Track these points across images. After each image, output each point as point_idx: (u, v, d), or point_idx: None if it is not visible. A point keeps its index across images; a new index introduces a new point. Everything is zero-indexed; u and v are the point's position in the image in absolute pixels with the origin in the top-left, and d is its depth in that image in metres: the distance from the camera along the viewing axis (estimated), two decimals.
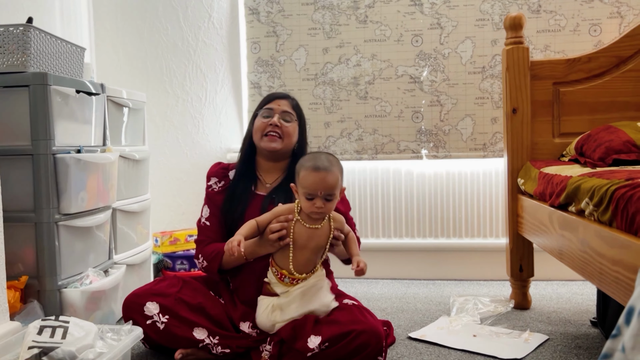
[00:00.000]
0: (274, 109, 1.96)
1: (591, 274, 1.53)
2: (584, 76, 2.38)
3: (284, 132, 1.94)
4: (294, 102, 2.02)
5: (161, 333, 1.80)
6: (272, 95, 2.01)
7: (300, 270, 1.75)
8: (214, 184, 2.03)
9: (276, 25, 3.00)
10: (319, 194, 1.69)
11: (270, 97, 2.00)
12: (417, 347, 1.97)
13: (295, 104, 2.02)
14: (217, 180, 2.03)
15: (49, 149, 1.91)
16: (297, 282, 1.75)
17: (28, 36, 1.91)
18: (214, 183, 2.03)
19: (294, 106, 2.00)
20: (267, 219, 1.78)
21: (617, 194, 1.37)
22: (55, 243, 1.93)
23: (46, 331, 1.48)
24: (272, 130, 1.93)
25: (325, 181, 1.68)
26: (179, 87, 3.17)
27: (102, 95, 2.25)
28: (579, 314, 2.31)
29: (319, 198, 1.69)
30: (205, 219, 2.00)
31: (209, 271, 1.92)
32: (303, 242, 1.75)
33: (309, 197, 1.70)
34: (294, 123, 1.98)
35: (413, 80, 2.92)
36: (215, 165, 2.08)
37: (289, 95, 2.03)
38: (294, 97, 2.05)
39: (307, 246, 1.75)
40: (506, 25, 2.38)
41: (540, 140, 2.41)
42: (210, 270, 1.90)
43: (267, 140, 1.93)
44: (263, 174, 2.01)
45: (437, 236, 2.97)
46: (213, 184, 2.03)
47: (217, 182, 2.03)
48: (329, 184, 1.69)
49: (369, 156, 2.97)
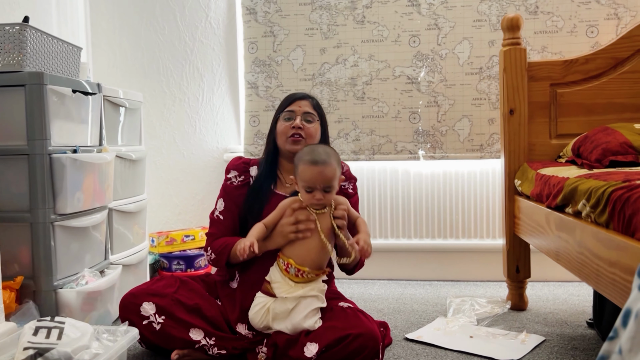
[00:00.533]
0: (295, 110, 1.95)
1: (588, 275, 1.53)
2: (581, 77, 2.38)
3: (307, 134, 1.93)
4: (314, 102, 2.01)
5: (157, 334, 1.79)
6: (292, 97, 2.00)
7: (308, 262, 1.75)
8: (234, 177, 2.00)
9: (273, 25, 2.99)
10: (317, 186, 1.72)
11: (291, 99, 1.99)
12: (414, 348, 1.97)
13: (316, 103, 2.01)
14: (237, 174, 2.00)
15: (45, 148, 1.90)
16: (302, 276, 1.74)
17: (24, 35, 1.90)
18: (233, 177, 2.00)
19: (314, 106, 1.99)
20: (275, 217, 1.81)
21: (614, 195, 1.38)
22: (51, 243, 1.92)
23: (42, 332, 1.48)
24: (295, 132, 1.92)
25: (323, 175, 1.72)
26: (175, 87, 3.16)
27: (99, 95, 2.25)
28: (576, 315, 2.31)
29: (318, 190, 1.72)
30: (219, 212, 1.97)
31: (216, 264, 1.91)
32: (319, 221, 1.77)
33: (308, 190, 1.74)
34: (316, 123, 1.98)
35: (410, 81, 2.92)
36: (237, 159, 2.06)
37: (308, 95, 2.02)
38: (314, 97, 2.04)
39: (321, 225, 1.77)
40: (503, 26, 2.38)
41: (537, 142, 2.41)
42: (218, 263, 1.89)
43: (291, 142, 1.93)
44: (284, 174, 2.00)
45: (434, 237, 2.97)
46: (233, 177, 2.00)
47: (237, 176, 2.00)
48: (326, 177, 1.72)
49: (366, 157, 2.97)
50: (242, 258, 1.72)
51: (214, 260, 1.91)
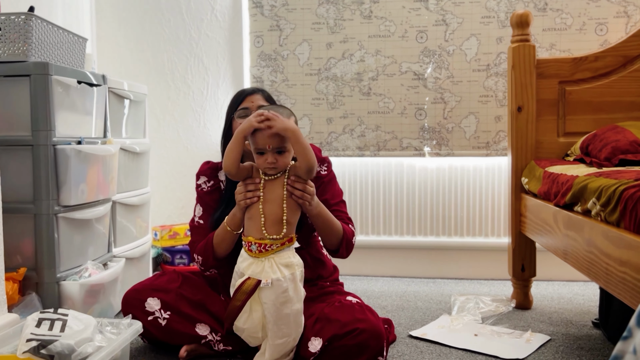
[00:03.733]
0: (249, 107, 1.87)
1: (597, 274, 1.51)
2: (590, 75, 2.36)
3: None
4: (266, 94, 1.94)
5: (163, 329, 1.78)
6: (242, 93, 1.92)
7: (269, 230, 1.62)
8: (203, 183, 1.97)
9: (280, 19, 2.97)
10: (267, 148, 1.60)
11: (242, 96, 1.91)
12: (418, 345, 1.96)
13: (267, 96, 1.94)
14: (206, 179, 1.97)
15: (49, 139, 1.89)
16: (266, 250, 1.61)
17: (30, 25, 1.89)
18: (202, 182, 1.97)
19: (267, 98, 1.92)
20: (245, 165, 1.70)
21: (626, 194, 1.36)
22: (55, 235, 1.91)
23: (45, 324, 1.46)
24: None
25: (272, 135, 1.57)
26: (180, 79, 3.14)
27: (104, 86, 2.23)
28: (581, 314, 2.29)
29: (270, 153, 1.60)
30: (199, 217, 1.94)
31: (205, 264, 1.85)
32: (266, 195, 1.65)
33: (259, 152, 1.62)
34: None
35: (417, 77, 2.90)
36: (204, 164, 2.01)
37: (258, 88, 1.95)
38: (264, 89, 1.97)
39: (269, 198, 1.64)
40: (513, 22, 2.36)
41: (545, 139, 2.39)
42: (206, 262, 1.83)
43: None
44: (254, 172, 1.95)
45: (439, 234, 2.95)
46: (202, 183, 1.97)
47: (207, 182, 1.97)
48: (276, 138, 1.58)
49: (371, 153, 2.95)
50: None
51: (202, 262, 1.84)
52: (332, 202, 1.94)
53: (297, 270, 1.63)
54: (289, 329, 1.61)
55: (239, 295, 1.61)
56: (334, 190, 1.97)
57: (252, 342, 1.69)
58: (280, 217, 1.63)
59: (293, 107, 2.98)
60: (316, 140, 2.97)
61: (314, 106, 2.97)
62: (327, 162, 2.01)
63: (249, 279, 1.60)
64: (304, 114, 2.98)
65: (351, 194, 2.98)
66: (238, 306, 1.61)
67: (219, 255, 1.83)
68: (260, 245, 1.62)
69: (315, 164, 1.61)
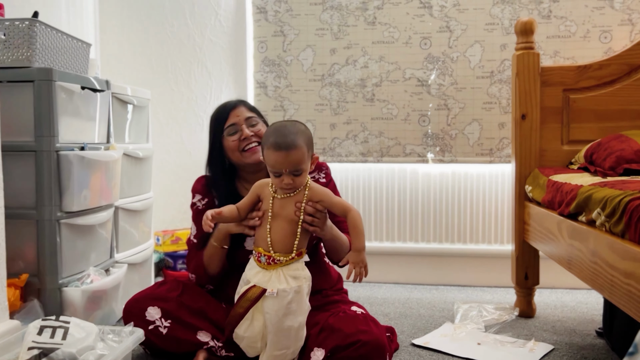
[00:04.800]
0: (236, 122, 1.86)
1: (602, 285, 1.50)
2: (595, 83, 2.35)
3: (259, 136, 1.85)
4: (247, 104, 1.93)
5: (164, 337, 1.77)
6: (225, 110, 1.88)
7: (277, 246, 1.62)
8: (198, 201, 1.96)
9: (284, 24, 2.97)
10: (284, 171, 1.59)
11: (225, 112, 1.87)
12: (421, 354, 1.95)
13: (249, 106, 1.93)
14: (200, 197, 1.95)
15: (53, 145, 1.88)
16: (274, 263, 1.61)
17: (34, 31, 1.89)
18: (197, 200, 1.96)
19: (250, 108, 1.91)
20: (247, 202, 1.70)
21: (631, 205, 1.35)
22: (57, 241, 1.90)
23: (46, 331, 1.46)
24: (248, 143, 1.85)
25: (288, 159, 1.57)
26: (184, 85, 3.14)
27: (107, 92, 2.23)
28: (585, 323, 2.28)
29: (286, 175, 1.59)
30: (193, 236, 1.94)
31: (199, 282, 1.88)
32: (276, 211, 1.64)
33: (276, 175, 1.61)
34: (261, 124, 1.91)
35: (420, 84, 2.89)
36: (198, 181, 1.99)
37: (238, 100, 1.94)
38: (243, 99, 1.96)
39: (280, 215, 1.64)
40: (517, 30, 2.35)
41: (549, 147, 2.38)
42: (200, 280, 1.86)
43: (249, 154, 1.85)
44: (246, 185, 1.91)
45: (441, 241, 2.94)
46: (197, 201, 1.96)
47: (201, 200, 1.95)
48: (292, 161, 1.57)
49: (374, 159, 2.94)
50: (207, 228, 1.61)
51: (196, 281, 1.87)
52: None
53: (304, 283, 1.62)
54: (288, 342, 1.60)
55: (242, 302, 1.60)
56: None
57: (250, 353, 1.67)
58: (289, 238, 1.63)
59: (297, 113, 2.98)
60: (319, 146, 2.97)
61: (317, 112, 2.97)
62: (325, 168, 1.99)
63: (254, 286, 1.60)
64: (307, 120, 2.98)
65: (354, 200, 2.97)
66: (240, 313, 1.61)
67: (210, 273, 1.84)
68: (269, 258, 1.62)
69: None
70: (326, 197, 1.66)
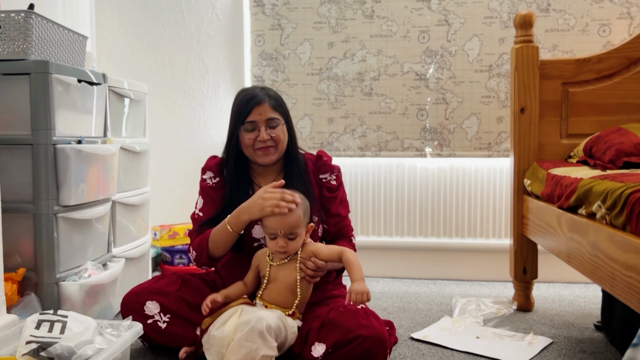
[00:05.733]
0: (256, 121, 1.80)
1: (602, 278, 1.50)
2: (594, 77, 2.35)
3: (276, 140, 1.83)
4: (273, 101, 1.84)
5: (162, 332, 1.76)
6: (249, 103, 1.81)
7: (272, 300, 1.70)
8: (209, 178, 1.93)
9: (281, 18, 2.96)
10: (279, 233, 1.65)
11: (249, 106, 1.81)
12: (420, 348, 1.94)
13: (275, 102, 1.84)
14: (212, 175, 1.94)
15: (49, 139, 1.87)
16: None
17: (30, 23, 1.87)
18: (208, 178, 1.94)
19: (275, 106, 1.83)
20: (251, 275, 1.77)
21: (633, 197, 1.34)
22: (54, 235, 1.89)
23: (44, 325, 1.45)
24: (263, 145, 1.82)
25: (285, 222, 1.65)
26: (180, 79, 3.12)
27: (104, 85, 2.21)
28: (583, 317, 2.28)
29: (281, 237, 1.65)
30: (199, 209, 1.91)
31: (199, 261, 1.83)
32: (273, 275, 1.71)
33: (271, 237, 1.68)
34: (282, 125, 1.85)
35: (419, 77, 2.88)
36: (211, 159, 1.98)
37: (265, 93, 1.84)
38: (270, 92, 1.86)
39: (277, 279, 1.70)
40: (516, 23, 2.34)
41: (548, 141, 2.38)
42: (199, 258, 1.82)
43: (261, 154, 1.83)
44: (258, 177, 1.93)
45: (439, 235, 2.94)
46: (208, 178, 1.94)
47: (212, 178, 1.93)
48: (288, 223, 1.65)
49: (372, 153, 2.94)
50: (204, 313, 1.68)
51: (196, 258, 1.83)
52: (343, 214, 1.95)
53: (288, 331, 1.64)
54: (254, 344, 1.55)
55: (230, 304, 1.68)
56: (345, 202, 1.99)
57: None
58: (288, 299, 1.70)
59: (294, 107, 2.96)
60: (317, 140, 2.96)
61: (315, 106, 2.96)
62: (337, 170, 1.98)
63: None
64: (305, 114, 2.96)
65: (352, 195, 2.96)
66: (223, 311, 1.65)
67: (213, 255, 1.81)
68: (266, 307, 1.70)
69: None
70: (321, 250, 1.73)
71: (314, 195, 1.89)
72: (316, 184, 1.94)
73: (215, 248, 1.78)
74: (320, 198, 1.93)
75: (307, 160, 1.96)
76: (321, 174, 1.94)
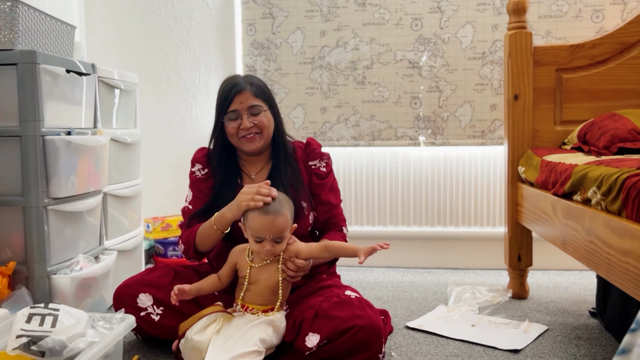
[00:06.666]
0: (238, 109, 1.78)
1: (598, 264, 1.49)
2: (588, 63, 2.34)
3: (260, 127, 1.81)
4: (254, 87, 1.81)
5: (155, 324, 1.75)
6: (229, 92, 1.79)
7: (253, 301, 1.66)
8: (198, 170, 1.92)
9: (272, 6, 2.92)
10: (267, 237, 1.61)
11: (230, 96, 1.79)
12: (415, 336, 1.94)
13: (256, 89, 1.81)
14: (200, 167, 1.92)
15: (38, 130, 1.84)
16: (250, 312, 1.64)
17: (16, 12, 1.83)
18: (197, 170, 1.93)
19: (257, 93, 1.80)
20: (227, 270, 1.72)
21: (628, 182, 1.33)
22: (45, 228, 1.86)
23: (35, 319, 1.43)
24: (246, 133, 1.80)
25: (274, 225, 1.60)
26: (171, 69, 3.09)
27: (93, 75, 2.18)
28: (578, 304, 2.28)
29: (268, 241, 1.61)
30: (189, 202, 1.91)
31: (186, 254, 1.83)
32: (254, 277, 1.67)
33: (257, 240, 1.63)
34: (265, 111, 1.82)
35: (412, 66, 2.86)
36: (200, 151, 1.96)
37: (247, 82, 1.81)
38: (252, 80, 1.83)
39: (258, 281, 1.66)
40: (509, 9, 2.33)
41: (542, 128, 2.37)
42: (187, 252, 1.81)
43: (246, 142, 1.81)
44: (247, 166, 1.92)
45: (434, 224, 2.93)
46: (196, 170, 1.93)
47: (201, 169, 1.92)
48: (277, 228, 1.60)
49: (365, 142, 2.92)
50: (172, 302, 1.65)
51: (184, 251, 1.83)
52: (334, 202, 1.93)
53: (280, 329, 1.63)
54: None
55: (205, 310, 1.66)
56: (336, 190, 1.96)
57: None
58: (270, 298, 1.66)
59: (287, 96, 2.94)
60: (310, 130, 2.94)
61: (307, 95, 2.93)
62: (326, 157, 1.96)
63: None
64: (297, 104, 2.94)
65: (346, 184, 2.95)
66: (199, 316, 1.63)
67: (200, 250, 1.81)
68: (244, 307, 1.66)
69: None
70: (302, 249, 1.68)
71: (302, 182, 1.87)
72: (305, 171, 1.92)
73: (202, 244, 1.78)
74: (310, 185, 1.91)
75: (297, 147, 1.95)
76: (310, 160, 1.92)
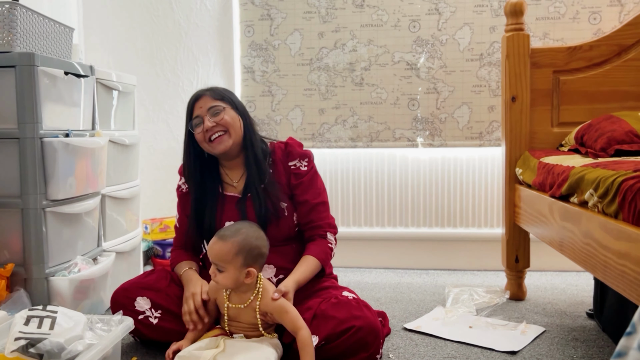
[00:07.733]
0: (199, 114, 1.81)
1: (594, 266, 1.50)
2: (585, 65, 2.34)
3: (224, 125, 1.80)
4: (214, 92, 1.84)
5: (154, 328, 1.76)
6: (191, 101, 1.85)
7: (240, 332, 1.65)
8: (182, 184, 1.96)
9: (270, 8, 2.93)
10: (211, 260, 1.60)
11: (191, 104, 1.85)
12: (413, 338, 1.94)
13: (214, 93, 1.84)
14: (184, 181, 1.96)
15: (36, 132, 1.84)
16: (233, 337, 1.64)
17: (14, 14, 1.84)
18: (182, 183, 1.96)
19: (215, 96, 1.83)
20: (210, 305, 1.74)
21: (625, 185, 1.34)
22: (43, 230, 1.87)
23: (33, 321, 1.43)
24: (212, 134, 1.80)
25: (212, 248, 1.58)
26: (169, 70, 3.09)
27: (91, 77, 2.18)
28: (575, 305, 2.29)
29: (213, 265, 1.59)
30: (177, 220, 1.97)
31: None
32: (233, 315, 1.65)
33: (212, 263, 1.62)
34: (227, 110, 1.82)
35: (410, 67, 2.87)
36: (182, 164, 1.97)
37: (206, 89, 1.86)
38: (214, 88, 1.87)
39: (238, 318, 1.64)
40: (507, 11, 2.33)
41: (539, 130, 2.37)
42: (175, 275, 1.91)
43: (216, 144, 1.80)
44: (229, 174, 1.92)
45: (431, 225, 2.93)
46: (181, 184, 1.96)
47: (184, 183, 1.96)
48: (214, 252, 1.57)
49: (363, 144, 2.92)
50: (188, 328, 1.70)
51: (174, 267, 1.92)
52: (313, 202, 1.88)
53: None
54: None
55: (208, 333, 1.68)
56: (315, 188, 1.91)
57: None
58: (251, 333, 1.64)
59: (285, 98, 2.94)
60: (308, 131, 2.94)
61: (305, 97, 2.94)
62: (308, 156, 1.93)
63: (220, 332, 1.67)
64: (295, 105, 2.94)
65: (344, 186, 2.95)
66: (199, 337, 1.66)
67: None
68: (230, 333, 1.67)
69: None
70: (276, 311, 1.60)
71: (275, 184, 1.86)
72: (284, 172, 1.90)
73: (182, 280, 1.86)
74: (289, 186, 1.90)
75: (276, 148, 1.93)
76: (290, 161, 1.90)
